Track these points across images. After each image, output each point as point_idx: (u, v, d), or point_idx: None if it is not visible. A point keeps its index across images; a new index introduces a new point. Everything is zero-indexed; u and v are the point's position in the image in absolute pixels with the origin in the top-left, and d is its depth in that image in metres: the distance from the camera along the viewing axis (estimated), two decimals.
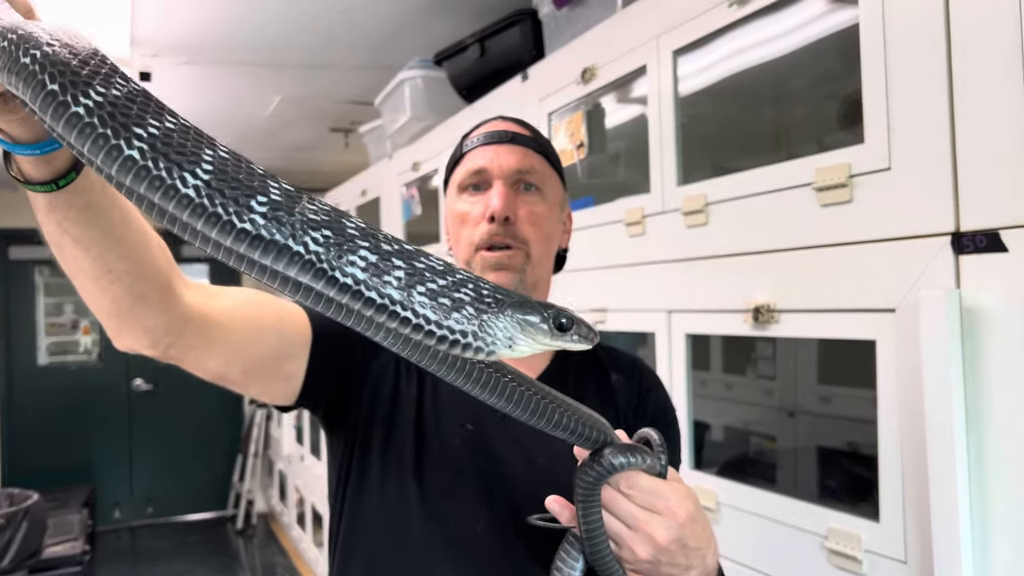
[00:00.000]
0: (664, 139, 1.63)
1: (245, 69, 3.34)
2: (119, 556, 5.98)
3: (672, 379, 1.60)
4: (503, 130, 1.12)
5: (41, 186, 0.67)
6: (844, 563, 1.22)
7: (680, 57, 1.62)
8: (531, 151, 1.11)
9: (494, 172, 1.08)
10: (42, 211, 0.70)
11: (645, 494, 0.80)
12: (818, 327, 1.29)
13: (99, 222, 0.71)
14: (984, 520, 1.01)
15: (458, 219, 1.11)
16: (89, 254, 0.72)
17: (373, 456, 1.05)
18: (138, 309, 0.79)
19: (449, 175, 1.17)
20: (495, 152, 1.10)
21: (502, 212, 1.05)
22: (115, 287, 0.76)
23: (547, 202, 1.11)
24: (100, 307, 0.79)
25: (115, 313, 0.79)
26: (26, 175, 0.67)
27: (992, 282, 1.00)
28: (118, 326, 0.81)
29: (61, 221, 0.70)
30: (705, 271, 1.52)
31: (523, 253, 1.07)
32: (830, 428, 2.04)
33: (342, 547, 1.08)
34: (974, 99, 1.03)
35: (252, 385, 0.98)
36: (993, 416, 1.00)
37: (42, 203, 0.69)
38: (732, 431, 2.26)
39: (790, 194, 1.32)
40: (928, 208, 1.08)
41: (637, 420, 1.12)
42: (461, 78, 2.63)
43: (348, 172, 4.15)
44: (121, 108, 0.47)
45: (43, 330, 6.67)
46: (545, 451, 1.04)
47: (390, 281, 0.48)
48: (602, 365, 1.15)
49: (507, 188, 1.07)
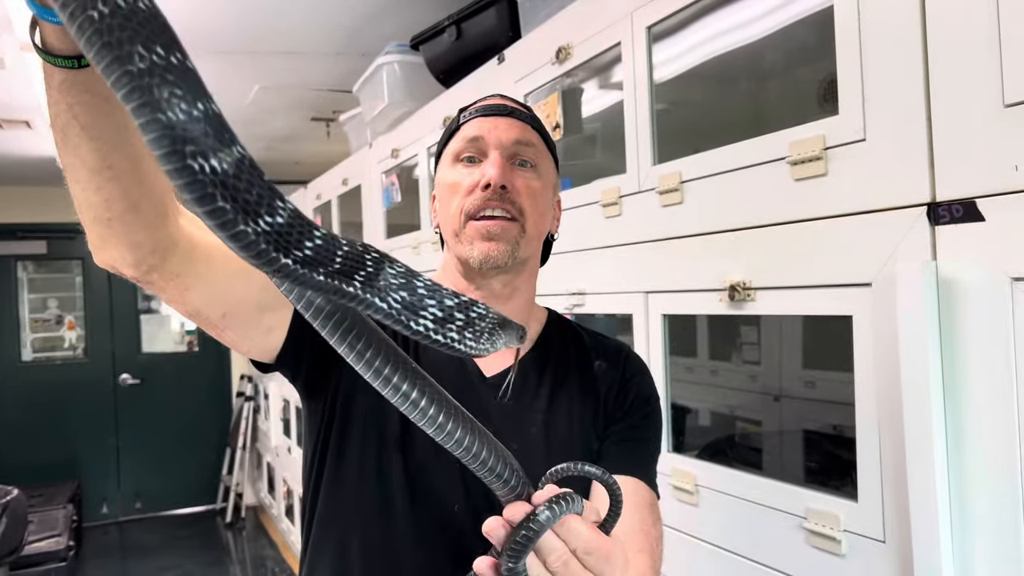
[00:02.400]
0: (640, 117, 1.60)
1: (222, 57, 3.29)
2: (107, 551, 5.94)
3: (650, 360, 1.58)
4: (501, 104, 1.10)
5: (63, 60, 0.65)
6: (822, 543, 1.20)
7: (657, 43, 1.59)
8: (529, 127, 1.08)
9: (491, 142, 1.05)
10: (56, 89, 0.67)
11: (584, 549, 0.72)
12: (794, 304, 1.26)
13: (112, 116, 0.69)
14: (962, 497, 0.98)
15: (449, 188, 1.07)
16: (93, 144, 0.70)
17: (354, 428, 1.02)
18: (128, 217, 0.77)
19: (443, 148, 1.13)
20: (493, 123, 1.07)
21: (499, 180, 1.01)
22: (111, 185, 0.74)
23: (542, 180, 1.08)
24: (91, 207, 0.77)
25: (104, 218, 0.77)
26: (49, 45, 0.65)
27: (969, 252, 0.98)
28: (105, 233, 0.79)
29: (73, 104, 0.68)
30: (681, 251, 1.49)
31: (518, 225, 1.03)
32: (814, 411, 2.02)
33: (318, 522, 1.05)
34: (949, 68, 1.00)
35: (228, 330, 0.94)
36: (970, 390, 0.97)
37: (58, 79, 0.66)
38: (718, 416, 2.25)
39: (764, 169, 1.29)
40: (904, 179, 1.06)
41: (618, 407, 1.10)
42: (438, 62, 2.60)
43: (331, 162, 4.11)
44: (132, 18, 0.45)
45: (27, 326, 6.61)
46: (518, 437, 1.01)
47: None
48: (586, 351, 1.13)
49: (503, 158, 1.04)
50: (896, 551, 1.08)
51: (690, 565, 1.48)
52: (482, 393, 1.05)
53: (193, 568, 5.39)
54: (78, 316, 6.77)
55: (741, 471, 1.41)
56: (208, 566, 5.45)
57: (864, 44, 1.11)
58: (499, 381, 1.06)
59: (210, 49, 3.18)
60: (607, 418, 1.09)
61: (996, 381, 0.95)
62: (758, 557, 1.33)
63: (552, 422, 1.05)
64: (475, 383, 1.06)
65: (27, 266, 6.66)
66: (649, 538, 1.00)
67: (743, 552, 1.36)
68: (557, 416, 1.06)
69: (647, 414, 1.12)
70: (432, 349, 1.08)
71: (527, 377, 1.08)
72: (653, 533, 1.02)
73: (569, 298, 1.83)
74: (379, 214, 3.24)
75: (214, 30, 2.96)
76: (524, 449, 1.00)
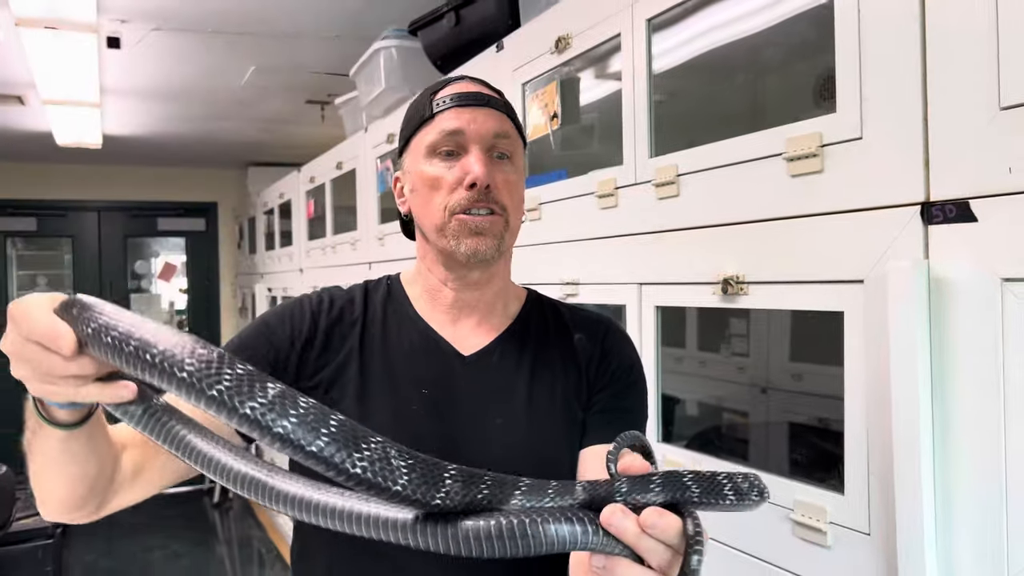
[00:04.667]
0: (638, 110, 1.60)
1: (218, 37, 3.28)
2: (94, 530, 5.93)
3: (642, 352, 1.59)
4: (477, 92, 1.07)
5: (69, 426, 0.79)
6: (809, 535, 1.21)
7: (656, 34, 1.59)
8: (505, 116, 1.08)
9: (471, 136, 1.04)
10: (53, 438, 0.81)
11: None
12: (787, 299, 1.28)
13: (96, 442, 0.85)
14: (947, 492, 1.00)
15: (428, 183, 1.06)
16: (75, 462, 0.85)
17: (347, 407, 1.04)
18: (86, 500, 0.90)
19: (412, 134, 1.10)
20: (471, 116, 1.05)
21: (485, 180, 1.01)
22: (80, 487, 0.87)
23: (517, 171, 1.08)
24: (52, 495, 0.90)
25: (63, 502, 0.90)
26: (55, 418, 0.79)
27: (961, 253, 0.99)
28: (56, 508, 0.91)
29: (68, 440, 0.81)
30: (676, 243, 1.51)
31: (503, 220, 1.04)
32: (801, 404, 2.04)
33: None
34: (947, 69, 1.01)
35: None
36: (958, 387, 0.99)
37: (59, 435, 0.80)
38: (705, 407, 2.27)
39: (761, 164, 1.30)
40: (898, 178, 1.07)
41: (599, 377, 1.10)
42: (436, 48, 2.59)
43: (325, 145, 4.10)
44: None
45: None
46: (502, 412, 1.04)
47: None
48: (566, 326, 1.13)
49: (484, 154, 1.03)
50: (881, 543, 1.10)
51: None
52: (461, 373, 1.06)
53: (180, 547, 5.40)
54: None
55: (729, 462, 1.43)
56: (195, 546, 5.46)
57: (863, 43, 1.12)
58: (477, 359, 1.07)
59: (207, 29, 3.16)
60: (590, 389, 1.09)
61: (983, 379, 0.97)
62: (745, 547, 1.35)
63: (534, 396, 1.06)
64: (454, 365, 1.08)
65: (16, 243, 6.63)
66: None
67: (730, 542, 1.38)
68: (539, 390, 1.07)
69: (630, 383, 1.11)
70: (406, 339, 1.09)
71: (507, 353, 1.09)
72: None
73: (563, 288, 1.84)
74: (373, 199, 3.24)
75: (212, 9, 2.95)
76: (508, 424, 1.03)
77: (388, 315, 1.12)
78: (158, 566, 5.06)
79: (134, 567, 5.07)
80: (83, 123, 4.56)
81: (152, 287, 7.13)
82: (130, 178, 6.69)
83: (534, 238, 1.96)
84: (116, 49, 3.23)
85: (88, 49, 3.18)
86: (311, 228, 4.31)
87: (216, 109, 4.51)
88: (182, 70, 3.75)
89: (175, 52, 3.46)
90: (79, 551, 5.32)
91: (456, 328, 1.11)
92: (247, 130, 5.15)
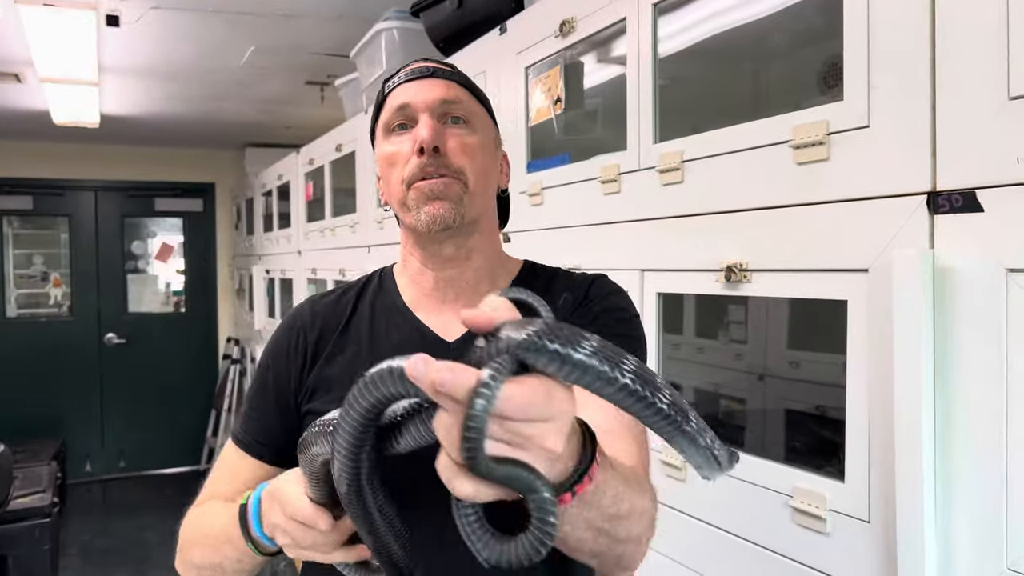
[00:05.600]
0: (642, 93, 1.60)
1: (217, 16, 3.25)
2: (91, 509, 5.97)
3: None
4: (423, 66, 1.09)
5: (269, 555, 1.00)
6: (808, 521, 1.22)
7: (662, 17, 1.59)
8: (454, 83, 1.08)
9: (418, 105, 1.04)
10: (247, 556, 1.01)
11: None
12: (790, 287, 1.28)
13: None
14: (947, 482, 1.01)
15: (386, 161, 1.07)
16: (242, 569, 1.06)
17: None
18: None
19: (375, 124, 1.13)
20: (417, 86, 1.06)
21: (431, 141, 1.01)
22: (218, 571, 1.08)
23: (478, 135, 1.07)
24: (199, 565, 1.11)
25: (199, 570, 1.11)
26: (264, 550, 0.99)
27: (967, 243, 1.00)
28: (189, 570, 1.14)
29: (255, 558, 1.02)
30: (679, 230, 1.50)
31: (459, 183, 1.03)
32: (798, 392, 2.05)
33: None
34: (956, 58, 1.01)
35: None
36: (961, 377, 1.00)
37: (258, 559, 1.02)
38: (702, 393, 2.27)
39: (766, 152, 1.30)
40: (905, 167, 1.07)
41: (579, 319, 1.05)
42: (438, 30, 2.57)
43: (324, 127, 4.08)
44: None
45: (12, 282, 6.57)
46: None
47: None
48: (557, 291, 1.10)
49: (433, 120, 1.03)
50: (880, 531, 1.11)
51: (678, 540, 1.51)
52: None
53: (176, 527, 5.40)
54: (64, 273, 6.73)
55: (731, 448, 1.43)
56: None
57: (872, 31, 1.12)
58: (461, 345, 1.05)
59: (206, 8, 3.14)
60: None
61: (986, 369, 0.97)
62: (744, 533, 1.36)
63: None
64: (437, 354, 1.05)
65: (13, 221, 6.60)
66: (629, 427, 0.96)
67: (730, 528, 1.39)
68: None
69: (616, 331, 1.05)
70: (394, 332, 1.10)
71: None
72: (635, 429, 0.97)
73: None
74: (372, 181, 3.22)
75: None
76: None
77: (376, 310, 1.12)
78: (154, 545, 5.08)
79: (130, 546, 5.09)
80: (81, 102, 4.53)
81: (149, 268, 7.11)
82: (127, 158, 6.66)
83: (536, 223, 1.96)
84: (115, 27, 3.20)
85: (87, 27, 3.16)
86: (310, 210, 4.30)
87: (215, 89, 4.48)
88: (181, 49, 3.72)
89: (174, 31, 3.43)
90: (76, 530, 5.35)
91: (442, 314, 1.09)
92: (246, 110, 5.12)
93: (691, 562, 1.49)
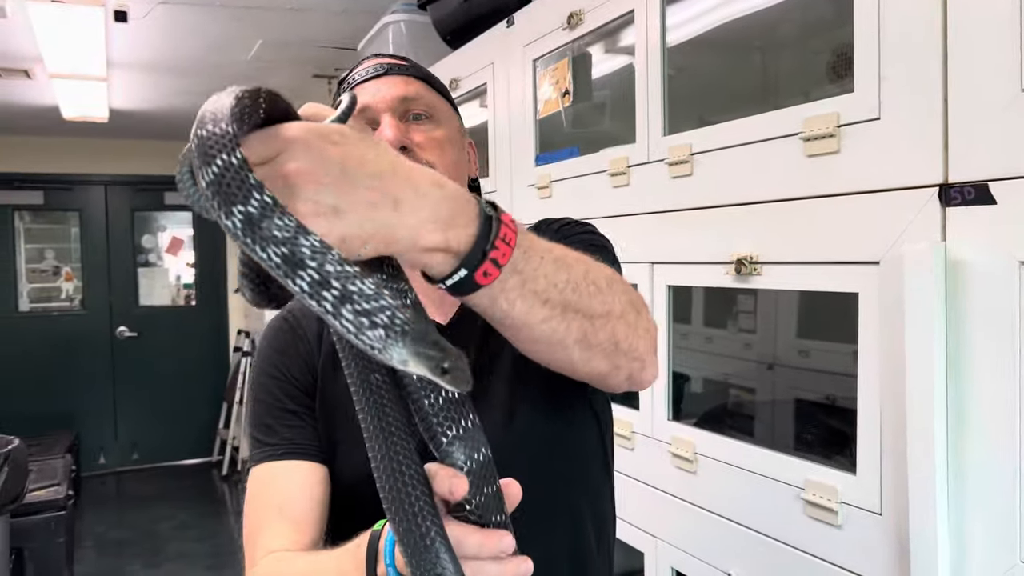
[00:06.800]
0: (651, 87, 1.59)
1: (225, 10, 3.25)
2: (105, 501, 6.02)
3: None
4: (376, 64, 1.06)
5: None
6: (820, 514, 1.22)
7: (670, 6, 1.58)
8: (411, 78, 1.05)
9: (378, 106, 1.01)
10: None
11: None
12: (801, 279, 1.28)
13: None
14: (960, 475, 1.01)
15: None
16: None
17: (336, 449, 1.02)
18: None
19: None
20: (375, 87, 1.03)
21: (396, 142, 0.98)
22: None
23: (443, 128, 1.05)
24: None
25: None
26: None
27: (979, 235, 0.99)
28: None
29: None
30: (689, 222, 1.50)
31: None
32: (808, 381, 2.04)
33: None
34: (968, 49, 1.00)
35: None
36: (974, 371, 0.99)
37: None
38: (712, 383, 2.27)
39: (776, 144, 1.29)
40: (916, 159, 1.06)
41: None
42: (445, 23, 2.57)
43: None
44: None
45: (24, 276, 6.60)
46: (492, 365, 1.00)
47: (326, 296, 0.56)
48: None
49: (396, 119, 1.01)
50: (892, 524, 1.11)
51: (689, 532, 1.52)
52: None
53: (189, 519, 5.46)
54: (75, 267, 6.76)
55: (740, 441, 1.44)
56: (204, 517, 5.53)
57: (882, 22, 1.11)
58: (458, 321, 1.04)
59: (214, 2, 3.14)
60: None
61: (999, 362, 0.97)
62: (756, 525, 1.36)
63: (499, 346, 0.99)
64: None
65: (24, 216, 6.64)
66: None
67: (741, 520, 1.39)
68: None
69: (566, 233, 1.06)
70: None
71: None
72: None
73: None
74: None
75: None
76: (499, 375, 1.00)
77: None
78: (167, 537, 5.12)
79: (144, 537, 5.13)
80: (90, 97, 4.54)
81: (159, 261, 7.14)
82: (137, 152, 6.67)
83: (544, 215, 1.96)
84: (123, 23, 3.21)
85: (95, 23, 3.16)
86: None
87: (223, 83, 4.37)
88: (189, 44, 3.73)
89: (182, 25, 3.43)
90: (91, 522, 5.39)
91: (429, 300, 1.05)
92: None
93: (703, 554, 1.49)
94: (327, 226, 0.59)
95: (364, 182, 0.60)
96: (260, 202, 0.56)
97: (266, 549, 0.93)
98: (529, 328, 0.71)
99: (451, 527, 0.64)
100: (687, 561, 1.54)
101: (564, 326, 0.72)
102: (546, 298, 0.70)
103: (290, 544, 0.92)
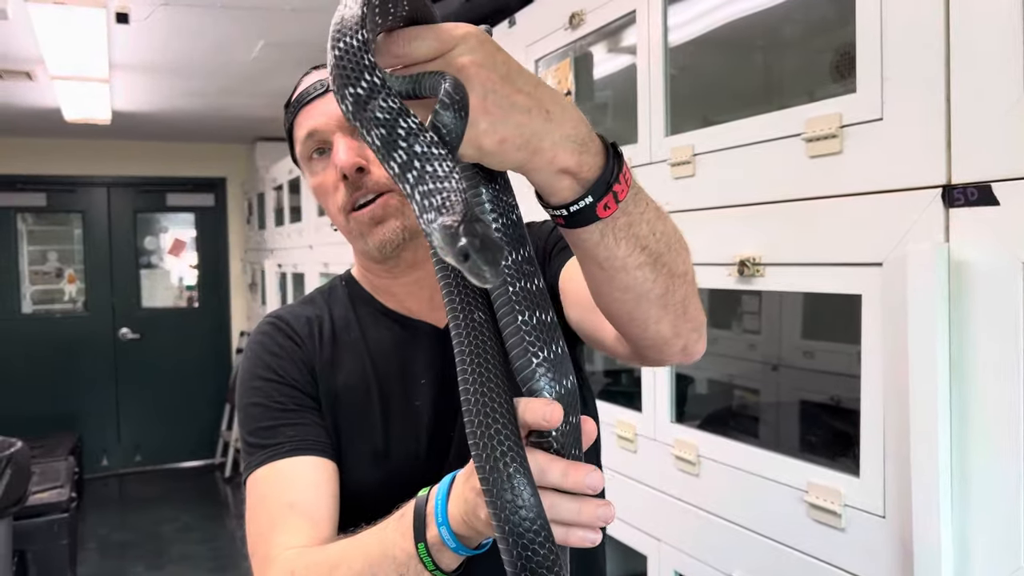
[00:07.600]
0: (653, 87, 1.59)
1: (227, 12, 3.25)
2: (107, 503, 6.02)
3: None
4: (317, 81, 1.03)
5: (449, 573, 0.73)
6: (823, 517, 1.22)
7: (671, 6, 1.57)
8: None
9: (327, 129, 1.00)
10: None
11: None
12: (804, 281, 1.27)
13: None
14: (964, 478, 1.00)
15: (319, 193, 1.04)
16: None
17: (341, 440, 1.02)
18: None
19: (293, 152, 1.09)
20: (320, 106, 1.01)
21: (351, 165, 0.97)
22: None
23: None
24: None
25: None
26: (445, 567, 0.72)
27: (982, 236, 0.98)
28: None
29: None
30: (691, 223, 1.49)
31: (394, 195, 0.99)
32: (813, 382, 2.04)
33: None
34: (971, 49, 0.99)
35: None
36: (978, 372, 0.99)
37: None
38: (716, 384, 2.27)
39: (779, 145, 1.29)
40: (919, 160, 1.06)
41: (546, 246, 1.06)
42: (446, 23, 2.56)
43: None
44: None
45: (27, 278, 6.61)
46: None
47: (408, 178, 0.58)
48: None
49: (348, 137, 0.99)
50: (896, 526, 1.10)
51: (692, 535, 1.51)
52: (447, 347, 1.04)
53: (192, 520, 5.46)
54: (78, 269, 6.77)
55: (744, 444, 1.43)
56: (207, 519, 5.53)
57: (885, 22, 1.10)
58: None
59: (216, 3, 3.14)
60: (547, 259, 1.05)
61: (1002, 363, 0.96)
62: (759, 528, 1.35)
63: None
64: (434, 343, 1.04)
65: (27, 218, 6.64)
66: None
67: (745, 523, 1.38)
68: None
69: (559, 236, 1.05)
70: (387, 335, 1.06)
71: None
72: None
73: None
74: None
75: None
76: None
77: (361, 317, 1.09)
78: (170, 539, 5.12)
79: (147, 539, 5.13)
80: (92, 98, 4.54)
81: (162, 263, 7.15)
82: (139, 153, 6.68)
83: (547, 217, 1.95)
84: (125, 24, 3.21)
85: (96, 24, 3.16)
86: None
87: (225, 84, 4.49)
88: (191, 45, 3.73)
89: (184, 27, 3.43)
90: (93, 524, 5.40)
91: (422, 307, 1.08)
92: (256, 105, 5.12)
93: (706, 557, 1.49)
94: (490, 124, 0.59)
95: (523, 87, 0.61)
96: (369, 83, 0.58)
97: (283, 547, 0.88)
98: (625, 272, 0.71)
99: (534, 455, 0.61)
100: (690, 564, 1.53)
101: (653, 276, 0.72)
102: (645, 244, 0.70)
103: (308, 541, 0.89)
